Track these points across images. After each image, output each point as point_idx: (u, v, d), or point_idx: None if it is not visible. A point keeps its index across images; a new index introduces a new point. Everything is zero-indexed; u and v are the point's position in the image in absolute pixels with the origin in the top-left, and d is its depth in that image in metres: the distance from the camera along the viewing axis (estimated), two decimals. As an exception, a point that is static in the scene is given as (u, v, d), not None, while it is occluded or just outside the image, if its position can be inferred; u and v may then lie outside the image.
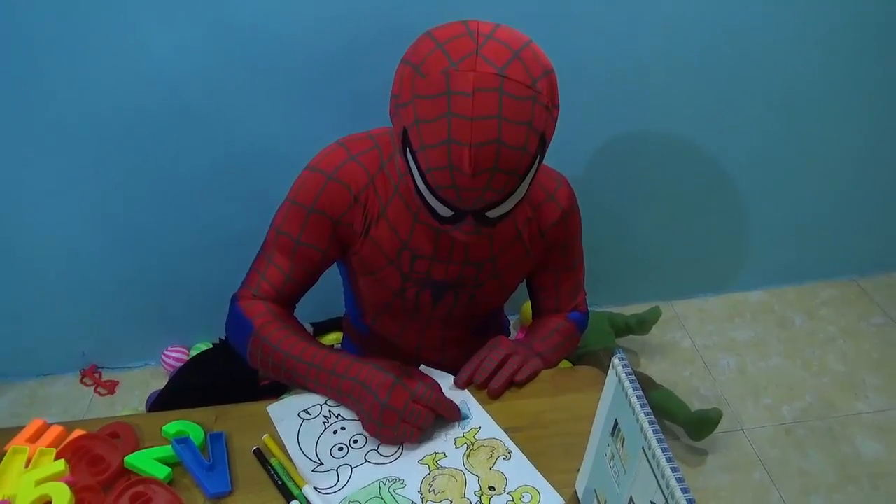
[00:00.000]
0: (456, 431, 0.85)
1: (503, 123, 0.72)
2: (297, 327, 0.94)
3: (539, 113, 0.74)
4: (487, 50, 0.72)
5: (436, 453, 0.83)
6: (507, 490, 0.78)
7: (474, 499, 0.77)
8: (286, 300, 0.98)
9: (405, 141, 0.77)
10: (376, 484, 0.79)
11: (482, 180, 0.74)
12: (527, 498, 0.77)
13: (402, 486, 0.79)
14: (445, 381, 0.93)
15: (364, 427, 0.84)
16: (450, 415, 0.86)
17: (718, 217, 1.86)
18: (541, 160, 0.80)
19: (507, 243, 0.97)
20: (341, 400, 0.88)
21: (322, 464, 0.82)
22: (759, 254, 1.97)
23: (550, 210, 0.98)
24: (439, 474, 0.80)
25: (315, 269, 0.97)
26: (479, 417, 0.87)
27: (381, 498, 0.77)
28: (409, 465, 0.81)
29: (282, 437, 0.86)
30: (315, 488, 0.78)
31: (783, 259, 2.00)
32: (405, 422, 0.82)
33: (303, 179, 0.92)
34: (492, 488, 0.78)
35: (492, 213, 0.80)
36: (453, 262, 0.95)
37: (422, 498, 0.78)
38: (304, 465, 0.82)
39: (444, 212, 0.80)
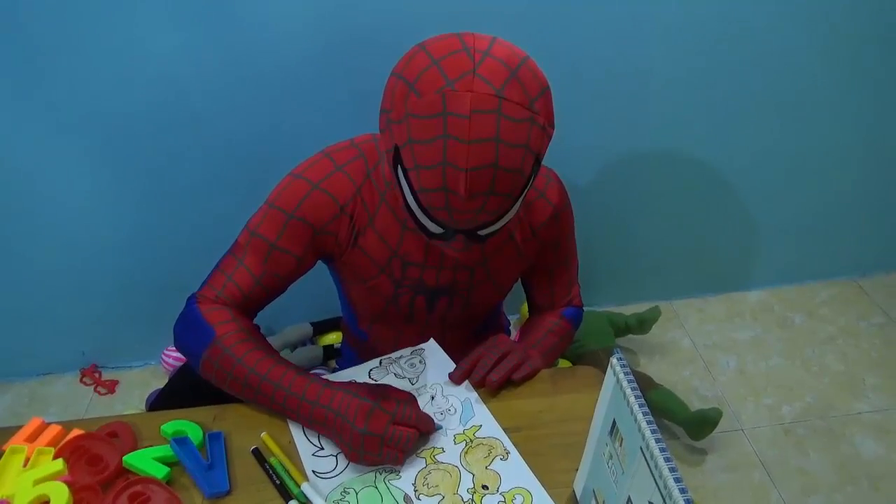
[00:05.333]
0: (456, 427, 0.86)
1: (500, 146, 0.70)
2: (262, 342, 0.88)
3: (535, 134, 0.73)
4: (484, 69, 0.70)
5: (434, 448, 0.83)
6: (500, 490, 0.78)
7: (466, 496, 0.77)
8: (250, 307, 0.92)
9: (397, 158, 0.76)
10: (373, 473, 0.80)
11: (477, 203, 0.73)
12: (518, 500, 0.77)
13: (397, 476, 0.80)
14: (450, 367, 0.93)
15: (346, 456, 0.80)
16: (428, 429, 0.83)
17: (718, 217, 1.86)
18: (534, 179, 0.79)
19: (499, 245, 0.96)
20: (312, 427, 0.84)
21: (322, 448, 0.83)
22: (759, 254, 1.97)
23: (542, 208, 0.97)
24: (435, 468, 0.81)
25: (286, 277, 0.93)
26: (481, 415, 0.87)
27: (376, 487, 0.78)
28: (407, 458, 0.82)
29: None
30: (313, 471, 0.79)
31: (783, 259, 2.00)
32: (388, 446, 0.78)
33: (285, 185, 0.90)
34: (485, 487, 0.78)
35: (483, 232, 0.79)
36: (445, 267, 0.95)
37: (415, 490, 0.78)
38: (304, 448, 0.83)
39: (435, 229, 0.79)
